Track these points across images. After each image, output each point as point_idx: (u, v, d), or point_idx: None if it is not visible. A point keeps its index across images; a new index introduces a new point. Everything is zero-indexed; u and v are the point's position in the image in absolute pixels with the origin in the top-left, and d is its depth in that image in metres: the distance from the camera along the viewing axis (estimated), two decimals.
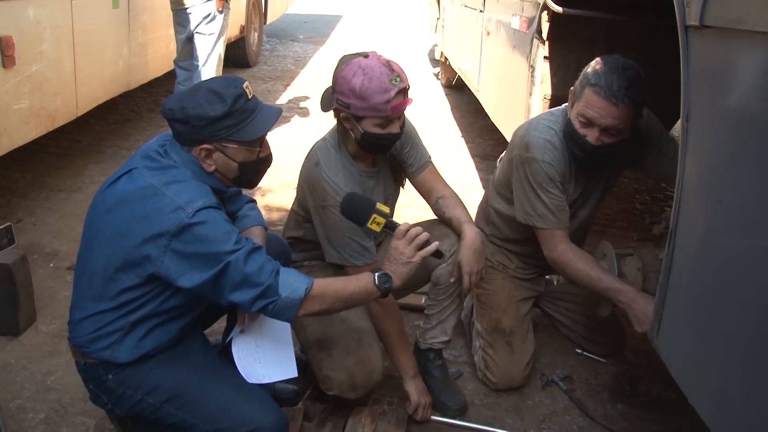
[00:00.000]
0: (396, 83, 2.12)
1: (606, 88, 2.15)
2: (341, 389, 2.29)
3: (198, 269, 1.73)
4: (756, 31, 1.29)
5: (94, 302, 1.85)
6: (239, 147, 1.85)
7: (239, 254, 1.73)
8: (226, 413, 1.88)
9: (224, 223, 1.78)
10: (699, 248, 1.58)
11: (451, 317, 2.50)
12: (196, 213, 1.72)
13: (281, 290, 1.77)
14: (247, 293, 1.75)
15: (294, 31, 12.22)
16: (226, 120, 1.79)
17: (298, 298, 1.78)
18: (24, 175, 4.45)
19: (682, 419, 2.49)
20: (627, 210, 4.62)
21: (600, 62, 2.22)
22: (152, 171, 1.81)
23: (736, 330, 1.40)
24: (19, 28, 3.46)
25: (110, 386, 1.90)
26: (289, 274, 1.81)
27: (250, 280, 1.74)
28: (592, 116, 2.20)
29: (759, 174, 1.32)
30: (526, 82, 3.30)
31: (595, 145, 2.24)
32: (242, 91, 1.82)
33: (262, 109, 1.88)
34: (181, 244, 1.72)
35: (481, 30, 4.94)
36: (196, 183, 1.81)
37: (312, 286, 1.81)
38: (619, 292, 2.23)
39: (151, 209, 1.74)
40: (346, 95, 2.14)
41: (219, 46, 4.81)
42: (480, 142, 6.02)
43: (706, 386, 1.53)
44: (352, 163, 2.32)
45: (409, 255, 1.97)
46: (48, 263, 3.37)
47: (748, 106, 1.38)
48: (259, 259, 1.77)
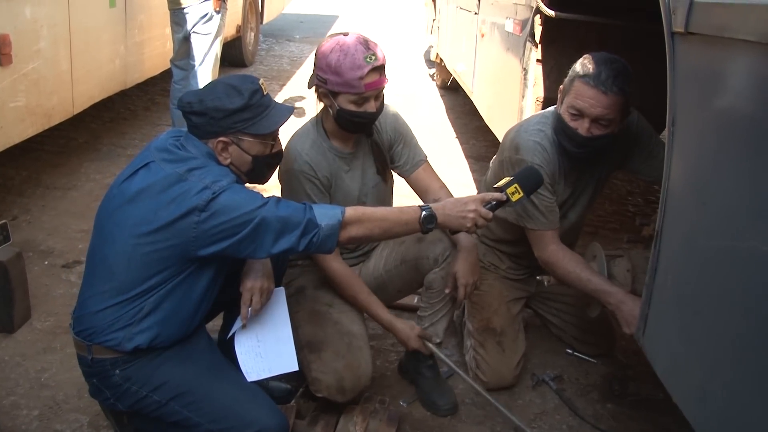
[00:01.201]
0: (370, 61, 2.14)
1: (594, 77, 2.20)
2: (329, 392, 2.30)
3: (232, 232, 1.79)
4: (739, 39, 1.32)
5: (116, 294, 1.87)
6: (254, 140, 1.93)
7: (269, 206, 1.82)
8: (231, 413, 1.91)
9: (246, 189, 1.86)
10: (683, 250, 1.60)
11: (443, 320, 2.52)
12: (222, 188, 1.79)
13: (320, 220, 1.84)
14: (291, 236, 1.83)
15: (290, 31, 12.22)
16: (243, 113, 1.88)
17: (337, 223, 1.86)
18: (19, 173, 4.46)
19: (671, 419, 2.51)
20: (619, 212, 4.65)
21: (587, 57, 2.27)
22: (171, 163, 1.86)
23: (719, 330, 1.43)
24: (16, 26, 3.47)
25: (116, 381, 1.91)
26: (321, 207, 1.91)
27: (289, 222, 1.82)
28: (582, 106, 2.24)
29: (741, 177, 1.35)
30: (519, 84, 3.32)
31: (586, 137, 2.27)
32: (258, 86, 1.92)
33: (275, 105, 1.98)
34: (211, 217, 1.78)
35: (475, 32, 4.96)
36: (217, 166, 1.89)
37: (346, 211, 1.89)
38: (608, 293, 2.25)
39: (177, 194, 1.80)
40: (323, 70, 2.18)
41: (216, 46, 4.82)
42: (474, 143, 6.04)
43: (690, 385, 1.55)
44: (324, 139, 2.36)
45: (472, 209, 1.99)
46: (43, 261, 3.38)
47: (731, 112, 1.41)
48: (289, 204, 1.86)
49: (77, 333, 1.93)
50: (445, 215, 1.98)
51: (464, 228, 2.01)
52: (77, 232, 3.69)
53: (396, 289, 2.60)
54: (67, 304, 2.94)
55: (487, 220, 2.02)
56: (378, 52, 2.18)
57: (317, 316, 2.38)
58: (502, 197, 2.05)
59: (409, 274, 2.49)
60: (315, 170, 2.31)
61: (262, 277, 2.08)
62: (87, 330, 1.90)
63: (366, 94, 2.19)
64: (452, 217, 1.99)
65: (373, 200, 2.47)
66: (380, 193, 2.52)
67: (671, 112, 1.62)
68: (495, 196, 2.05)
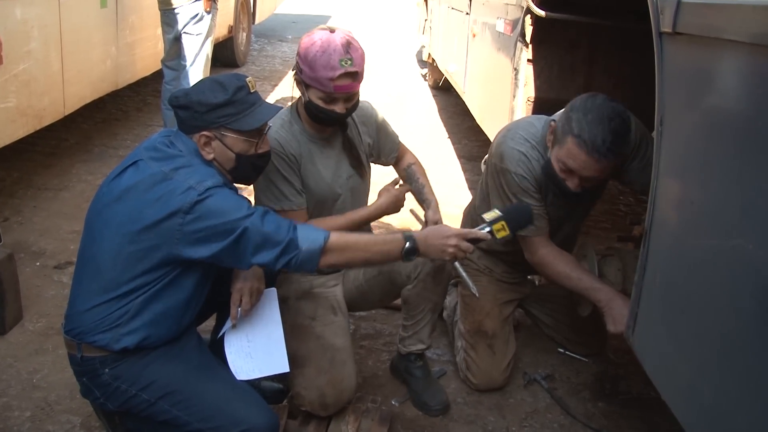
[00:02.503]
0: (345, 65, 2.12)
1: (589, 143, 2.07)
2: (312, 407, 2.31)
3: (216, 240, 1.79)
4: (726, 39, 1.33)
5: (102, 292, 1.87)
6: (237, 137, 1.92)
7: (254, 218, 1.80)
8: (220, 412, 1.90)
9: (234, 196, 1.85)
10: (672, 248, 1.61)
11: (426, 328, 2.53)
12: (206, 190, 1.78)
13: (301, 243, 1.83)
14: (270, 252, 1.81)
15: (282, 31, 12.22)
16: (225, 108, 1.88)
17: (318, 248, 1.84)
18: (11, 174, 4.44)
19: (662, 417, 2.52)
20: (611, 211, 4.66)
21: (585, 109, 2.12)
22: (158, 161, 1.86)
23: (708, 329, 1.44)
24: (7, 27, 3.46)
25: (105, 380, 1.91)
26: (306, 229, 1.88)
27: (270, 239, 1.80)
28: (573, 167, 2.16)
29: (729, 177, 1.36)
30: (510, 84, 3.33)
31: (575, 192, 2.24)
32: (244, 83, 1.92)
33: (262, 103, 1.96)
34: (195, 220, 1.78)
35: (467, 32, 4.97)
36: (203, 166, 1.89)
37: (329, 237, 1.87)
38: (598, 291, 2.26)
39: (162, 193, 1.80)
40: (302, 60, 2.19)
41: (206, 47, 4.82)
42: (466, 143, 6.05)
43: (679, 384, 1.56)
44: (297, 122, 2.36)
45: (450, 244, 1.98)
46: (34, 262, 3.37)
47: (719, 111, 1.42)
48: (275, 219, 1.84)
49: (67, 331, 1.93)
50: (426, 246, 1.99)
51: (443, 259, 2.03)
52: (69, 233, 3.68)
53: (377, 298, 2.64)
54: (58, 305, 2.93)
55: (467, 253, 2.03)
56: (356, 58, 2.15)
57: (300, 330, 2.37)
58: (486, 236, 2.05)
59: (387, 286, 2.51)
60: (283, 147, 2.31)
61: (252, 278, 2.08)
62: (76, 329, 1.90)
63: (334, 95, 2.18)
64: (433, 247, 1.99)
65: (348, 193, 2.46)
66: (356, 186, 2.50)
67: (659, 112, 1.63)
68: (479, 235, 2.04)
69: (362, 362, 2.80)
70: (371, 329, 3.05)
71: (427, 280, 2.41)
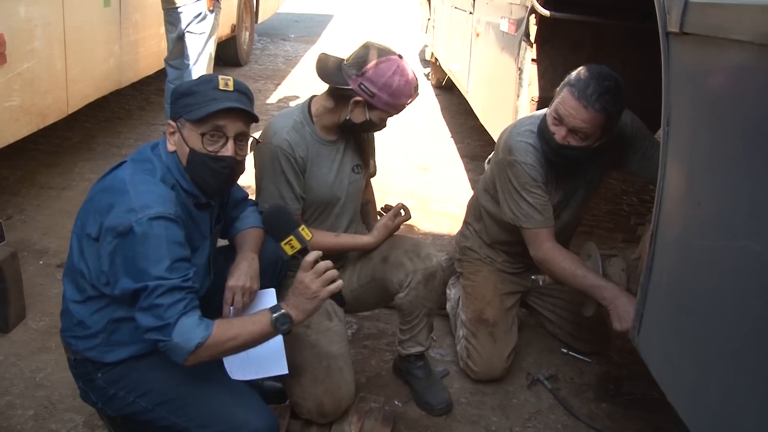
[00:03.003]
0: (416, 92, 2.34)
1: (581, 90, 2.21)
2: (311, 416, 2.31)
3: (126, 276, 1.72)
4: (733, 39, 1.32)
5: (72, 291, 1.88)
6: (192, 129, 1.83)
7: (162, 283, 1.70)
8: (218, 417, 1.88)
9: (167, 244, 1.72)
10: (679, 249, 1.61)
11: (423, 331, 2.54)
12: (147, 221, 1.70)
13: (175, 335, 1.70)
14: (148, 321, 1.71)
15: (285, 30, 12.21)
16: (187, 98, 1.83)
17: (188, 349, 1.71)
18: (14, 172, 4.44)
19: (665, 418, 2.52)
20: (614, 211, 4.66)
21: (584, 67, 2.28)
22: (133, 163, 1.85)
23: (714, 330, 1.43)
24: (11, 26, 3.46)
25: (100, 385, 1.90)
26: (190, 324, 1.72)
27: (156, 311, 1.70)
28: (562, 113, 2.27)
29: (736, 177, 1.35)
30: (514, 84, 3.33)
31: (560, 144, 2.30)
32: (214, 77, 1.85)
33: (226, 100, 1.82)
34: (120, 247, 1.72)
35: (470, 32, 4.96)
36: (162, 186, 1.80)
37: (206, 342, 1.72)
38: (603, 288, 2.26)
39: (112, 202, 1.75)
40: (377, 87, 2.25)
41: (210, 46, 4.81)
42: (469, 142, 6.05)
43: (684, 384, 1.56)
44: (308, 123, 2.39)
45: (315, 290, 1.82)
46: (38, 260, 3.37)
47: (726, 112, 1.41)
48: (175, 297, 1.71)
49: (61, 331, 1.94)
50: (297, 309, 1.82)
51: (324, 300, 1.85)
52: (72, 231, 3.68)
53: (373, 302, 2.66)
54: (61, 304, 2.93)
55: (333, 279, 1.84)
56: None
57: (295, 339, 2.34)
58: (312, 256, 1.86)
59: (380, 291, 2.52)
60: (293, 148, 2.33)
61: (245, 277, 2.04)
62: (65, 330, 1.91)
63: (393, 113, 2.34)
64: (305, 304, 1.83)
65: (348, 197, 2.50)
66: (356, 191, 2.56)
67: (666, 112, 1.62)
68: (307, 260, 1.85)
69: (365, 362, 2.80)
70: (374, 329, 3.05)
71: (419, 288, 2.40)
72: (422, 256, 2.42)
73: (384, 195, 2.79)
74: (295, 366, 2.30)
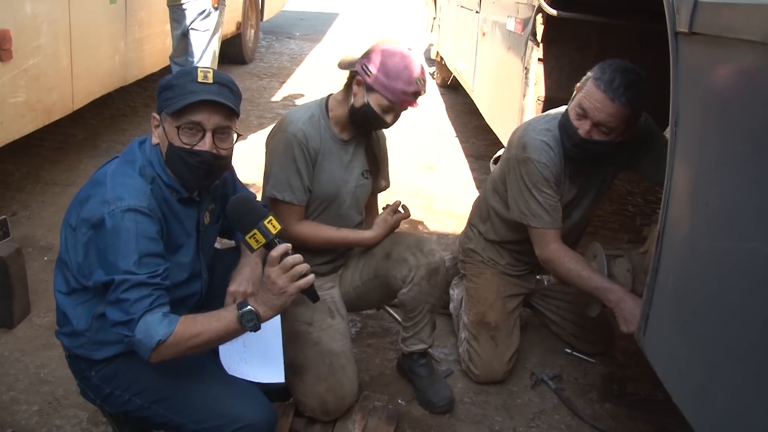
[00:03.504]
0: (419, 84, 2.30)
1: (607, 82, 2.20)
2: (314, 414, 2.31)
3: (99, 268, 1.72)
4: (742, 39, 1.32)
5: (59, 282, 1.89)
6: (170, 122, 1.79)
7: (128, 278, 1.68)
8: (214, 412, 1.86)
9: (135, 238, 1.70)
10: (685, 250, 1.60)
11: (425, 328, 2.53)
12: (119, 212, 1.70)
13: (137, 331, 1.68)
14: (115, 315, 1.70)
15: (290, 28, 12.21)
16: (167, 91, 1.80)
17: (150, 346, 1.68)
18: (19, 169, 4.45)
19: (669, 419, 2.51)
20: (619, 212, 4.65)
21: (608, 62, 2.27)
22: (121, 157, 1.85)
23: (720, 331, 1.43)
24: (17, 22, 3.46)
25: (95, 383, 1.90)
26: (153, 321, 1.69)
27: (122, 305, 1.69)
28: (587, 107, 2.25)
29: (744, 178, 1.35)
30: (520, 83, 3.32)
31: (583, 138, 2.28)
32: (193, 70, 1.80)
33: (203, 93, 1.77)
34: (93, 238, 1.72)
35: (476, 31, 4.95)
36: (138, 180, 1.78)
37: (167, 339, 1.68)
38: (609, 291, 2.26)
39: (90, 193, 1.77)
40: (376, 66, 2.26)
41: (214, 43, 4.81)
42: (474, 142, 6.04)
43: (691, 386, 1.55)
44: (324, 118, 2.40)
45: (281, 286, 1.74)
46: (42, 256, 3.38)
47: (734, 112, 1.41)
48: (141, 293, 1.69)
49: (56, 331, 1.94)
50: (265, 305, 1.75)
51: (292, 296, 1.76)
52: None
53: (375, 300, 2.66)
54: None
55: (303, 274, 1.75)
56: (426, 83, 2.33)
57: (297, 336, 2.36)
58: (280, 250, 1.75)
59: (383, 288, 2.52)
60: (307, 139, 2.34)
61: (247, 282, 2.03)
62: (58, 328, 1.92)
63: (395, 107, 2.31)
64: (272, 300, 1.75)
65: (352, 200, 2.50)
66: (361, 195, 2.55)
67: (674, 113, 1.61)
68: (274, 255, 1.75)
69: (369, 361, 2.79)
70: (378, 327, 3.05)
71: (422, 283, 2.40)
72: (425, 252, 2.42)
73: (388, 194, 2.78)
74: (298, 364, 2.30)
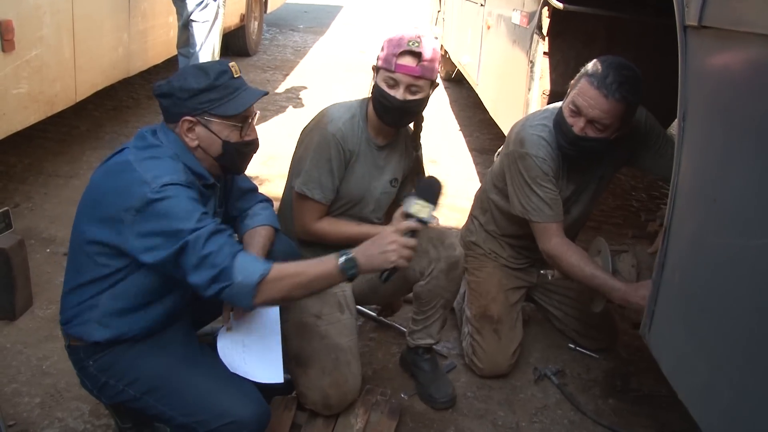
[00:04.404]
0: (411, 45, 2.19)
1: (600, 79, 2.19)
2: (315, 407, 2.30)
3: (160, 246, 1.71)
4: (754, 33, 1.30)
5: (74, 274, 1.87)
6: (222, 122, 1.85)
7: (200, 233, 1.69)
8: (203, 406, 1.86)
9: (188, 201, 1.74)
10: (692, 246, 1.59)
11: (436, 323, 2.52)
12: (161, 188, 1.70)
13: (236, 274, 1.70)
14: (204, 274, 1.70)
15: (294, 20, 12.18)
16: (208, 93, 1.82)
17: (252, 284, 1.70)
18: (22, 160, 4.44)
19: (673, 415, 2.51)
20: (623, 207, 4.64)
21: (601, 59, 2.26)
22: (137, 149, 1.83)
23: (727, 328, 1.42)
24: (19, 12, 3.44)
25: (92, 372, 1.90)
26: (247, 259, 1.74)
27: (207, 261, 1.69)
28: (581, 104, 2.24)
29: (753, 174, 1.33)
30: (525, 77, 3.31)
31: (578, 135, 2.28)
32: (227, 68, 1.85)
33: (247, 88, 1.89)
34: (144, 220, 1.71)
35: (481, 24, 4.93)
36: (170, 161, 1.81)
37: (269, 273, 1.72)
38: (612, 289, 2.24)
39: (122, 183, 1.75)
40: (382, 47, 2.27)
41: (214, 34, 4.78)
42: (478, 135, 6.02)
43: (696, 383, 1.54)
44: (363, 120, 2.39)
45: (390, 248, 1.81)
46: (45, 248, 3.37)
47: (743, 107, 1.39)
48: (219, 241, 1.72)
49: (60, 317, 1.94)
50: (366, 256, 1.81)
51: (390, 264, 1.82)
52: None
53: (389, 293, 2.62)
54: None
55: (412, 249, 1.85)
56: (426, 46, 2.19)
57: (304, 328, 2.34)
58: (417, 225, 1.89)
59: (399, 281, 2.47)
60: (344, 139, 2.32)
61: None
62: (62, 316, 1.91)
63: (395, 76, 2.22)
64: (374, 257, 1.81)
65: (376, 206, 2.48)
66: (385, 203, 2.52)
67: (682, 108, 1.60)
68: (411, 225, 1.87)
69: (372, 354, 2.79)
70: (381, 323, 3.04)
71: (440, 276, 2.40)
72: (446, 245, 2.42)
73: None
74: (304, 356, 2.30)
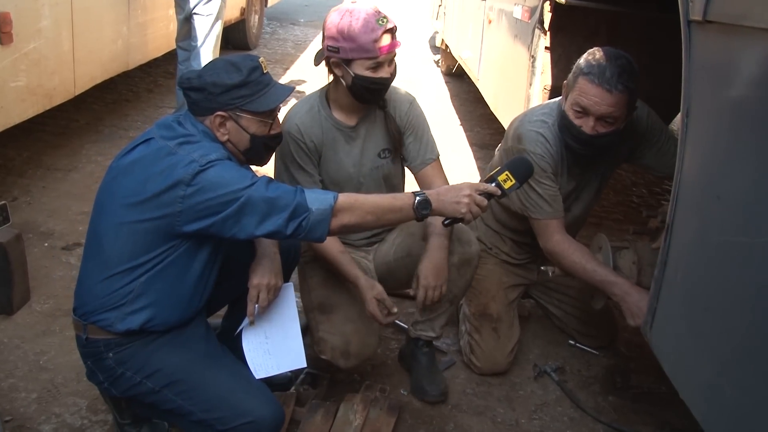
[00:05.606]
0: (382, 23, 2.16)
1: (599, 75, 2.17)
2: (333, 354, 2.29)
3: (217, 212, 1.76)
4: (760, 28, 1.28)
5: (105, 268, 1.85)
6: (252, 118, 1.90)
7: (258, 186, 1.76)
8: (224, 403, 1.88)
9: (237, 167, 1.82)
10: (695, 244, 1.58)
11: (441, 318, 2.51)
12: (208, 163, 1.76)
13: (310, 204, 1.77)
14: (278, 218, 1.76)
15: (294, 14, 12.15)
16: (241, 89, 1.86)
17: (329, 208, 1.78)
18: (20, 154, 4.42)
19: (672, 412, 2.50)
20: (623, 203, 4.63)
21: (592, 53, 2.25)
22: (167, 139, 1.85)
23: (729, 326, 1.41)
24: (17, 5, 3.42)
25: (109, 365, 1.89)
26: (314, 191, 1.84)
27: (276, 204, 1.76)
28: (586, 104, 2.22)
29: (757, 171, 1.32)
30: (526, 72, 3.29)
31: (591, 135, 2.26)
32: (258, 64, 1.91)
33: (275, 84, 1.95)
34: (197, 192, 1.75)
35: (482, 18, 4.91)
36: (209, 142, 1.86)
37: (339, 197, 1.82)
38: (614, 284, 2.24)
39: (165, 166, 1.78)
40: (335, 39, 2.18)
41: (217, 27, 4.77)
42: (479, 130, 6.00)
43: (698, 381, 1.54)
44: (324, 108, 2.35)
45: (464, 200, 1.89)
46: (43, 242, 3.36)
47: (748, 103, 1.38)
48: (279, 185, 1.81)
49: (74, 310, 1.92)
50: (439, 201, 1.90)
51: (459, 214, 1.91)
52: (78, 214, 3.66)
53: (403, 279, 2.53)
54: (66, 286, 2.92)
55: (482, 208, 1.92)
56: (386, 14, 2.20)
57: (332, 281, 2.37)
58: (495, 190, 1.96)
59: (413, 269, 2.45)
60: (302, 134, 2.30)
61: (270, 274, 2.05)
62: (81, 308, 1.89)
63: (380, 59, 2.18)
64: (447, 203, 1.90)
65: (371, 183, 2.44)
66: (381, 177, 2.47)
67: (685, 104, 1.58)
68: (489, 188, 1.95)
69: None
70: None
71: (452, 270, 2.37)
72: (463, 241, 2.40)
73: None
74: (329, 304, 2.34)
